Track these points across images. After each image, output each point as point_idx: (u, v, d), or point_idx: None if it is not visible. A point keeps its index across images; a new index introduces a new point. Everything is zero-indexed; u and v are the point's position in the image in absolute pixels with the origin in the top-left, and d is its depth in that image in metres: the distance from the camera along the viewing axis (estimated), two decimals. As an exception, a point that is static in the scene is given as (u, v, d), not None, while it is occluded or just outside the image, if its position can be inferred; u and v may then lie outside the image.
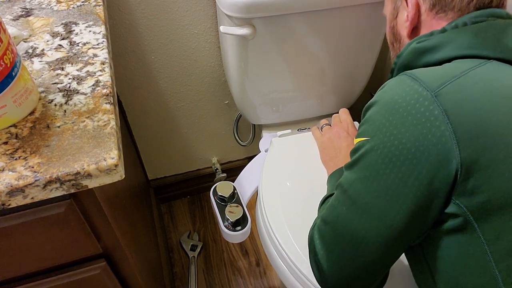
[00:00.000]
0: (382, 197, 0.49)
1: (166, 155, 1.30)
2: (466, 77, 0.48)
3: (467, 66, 0.49)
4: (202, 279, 1.26)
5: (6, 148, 0.46)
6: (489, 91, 0.47)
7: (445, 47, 0.52)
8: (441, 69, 0.50)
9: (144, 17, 0.95)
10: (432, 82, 0.48)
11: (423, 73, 0.50)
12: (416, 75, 0.49)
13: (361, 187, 0.51)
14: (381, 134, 0.49)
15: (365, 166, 0.51)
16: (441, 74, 0.49)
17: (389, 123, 0.49)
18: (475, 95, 0.47)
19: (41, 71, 0.56)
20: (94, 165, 0.44)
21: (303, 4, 0.80)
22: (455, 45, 0.51)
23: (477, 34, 0.51)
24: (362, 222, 0.51)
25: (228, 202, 0.93)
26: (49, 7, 0.68)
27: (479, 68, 0.49)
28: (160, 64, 1.05)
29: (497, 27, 0.52)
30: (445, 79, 0.48)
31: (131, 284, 0.65)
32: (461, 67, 0.49)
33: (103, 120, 0.49)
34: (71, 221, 0.50)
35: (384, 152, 0.49)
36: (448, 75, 0.48)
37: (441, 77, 0.48)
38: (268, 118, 1.06)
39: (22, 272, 0.55)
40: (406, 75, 0.50)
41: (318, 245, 0.56)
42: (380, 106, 0.51)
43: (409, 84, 0.49)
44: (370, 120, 0.52)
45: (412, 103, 0.47)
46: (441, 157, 0.45)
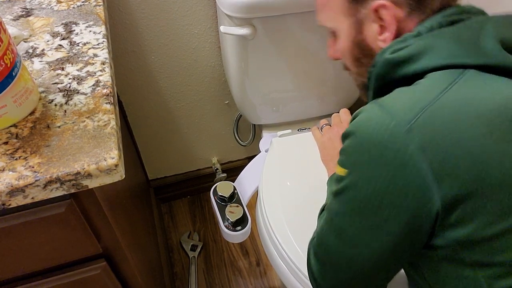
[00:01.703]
0: (365, 231, 0.49)
1: (166, 155, 1.30)
2: (441, 103, 0.44)
3: (443, 85, 0.45)
4: (202, 279, 1.26)
5: (7, 148, 0.46)
6: (466, 115, 0.43)
7: (422, 58, 0.48)
8: (414, 92, 0.47)
9: (144, 17, 0.95)
10: (404, 115, 0.44)
11: (395, 103, 0.46)
12: (388, 107, 0.46)
13: (345, 219, 0.51)
14: (358, 172, 0.48)
15: (347, 201, 0.50)
16: (414, 101, 0.45)
17: (364, 162, 0.47)
18: (451, 124, 0.43)
19: (41, 71, 0.56)
20: (94, 165, 0.44)
21: (303, 4, 0.80)
22: (432, 55, 0.47)
23: (454, 39, 0.47)
24: (351, 250, 0.51)
25: (228, 202, 0.93)
26: (49, 7, 0.68)
27: (456, 85, 0.45)
28: (160, 64, 1.05)
29: (472, 27, 0.48)
30: (418, 108, 0.44)
31: (131, 284, 0.65)
32: (436, 86, 0.45)
33: (103, 120, 0.49)
34: (71, 221, 0.50)
35: (362, 192, 0.47)
36: (422, 102, 0.44)
37: (413, 106, 0.44)
38: (268, 118, 1.06)
39: (22, 272, 0.55)
40: (377, 105, 0.47)
41: (313, 261, 0.56)
42: (354, 141, 0.48)
43: (380, 119, 0.45)
44: (347, 152, 0.50)
45: (385, 141, 0.44)
46: (419, 197, 0.44)
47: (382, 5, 0.50)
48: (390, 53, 0.50)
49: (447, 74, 0.46)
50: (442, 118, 0.44)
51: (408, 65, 0.49)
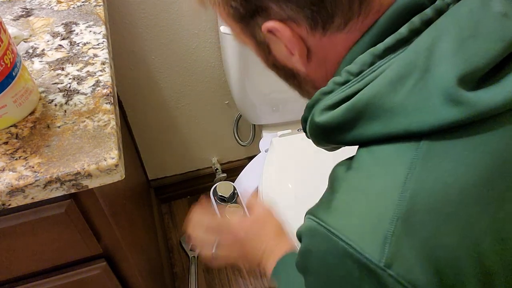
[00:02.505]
0: None
1: (166, 155, 1.30)
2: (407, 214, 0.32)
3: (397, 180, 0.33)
4: (202, 279, 1.26)
5: (7, 148, 0.46)
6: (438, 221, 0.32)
7: (357, 125, 0.36)
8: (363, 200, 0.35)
9: (144, 17, 0.95)
10: (371, 243, 0.33)
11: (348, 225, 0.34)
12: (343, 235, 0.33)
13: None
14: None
15: None
16: (372, 217, 0.33)
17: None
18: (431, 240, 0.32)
19: (42, 71, 0.56)
20: (94, 165, 0.44)
21: (303, 4, 0.80)
22: (370, 122, 0.35)
23: (393, 88, 0.34)
24: None
25: (228, 202, 0.93)
26: (50, 7, 0.68)
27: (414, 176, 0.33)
28: (160, 64, 1.05)
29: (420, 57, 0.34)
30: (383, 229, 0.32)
31: (131, 284, 0.65)
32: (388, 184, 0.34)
33: (103, 120, 0.49)
34: (71, 221, 0.50)
35: None
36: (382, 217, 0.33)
37: (375, 225, 0.33)
38: (268, 118, 1.06)
39: (22, 272, 0.55)
40: (328, 231, 0.35)
41: None
42: (319, 281, 0.37)
43: (344, 253, 0.33)
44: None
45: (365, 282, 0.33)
46: None
47: (270, 29, 0.39)
48: (319, 112, 0.39)
49: (397, 153, 0.34)
50: (419, 233, 0.32)
51: (341, 133, 0.38)
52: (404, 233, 0.32)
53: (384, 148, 0.35)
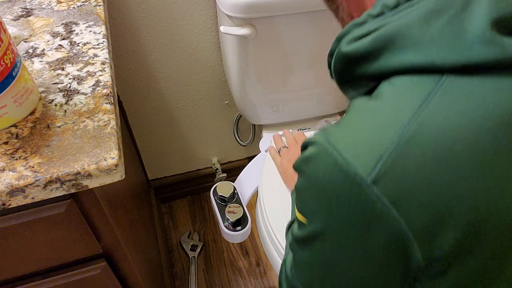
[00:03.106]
0: (337, 286, 0.42)
1: (166, 155, 1.30)
2: (414, 133, 0.32)
3: (413, 104, 0.33)
4: (202, 279, 1.26)
5: (7, 148, 0.46)
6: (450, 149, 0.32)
7: (383, 54, 0.36)
8: (376, 117, 0.35)
9: (145, 17, 0.95)
10: (364, 159, 0.33)
11: (351, 138, 0.35)
12: (342, 146, 0.35)
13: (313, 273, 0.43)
14: (318, 223, 0.39)
15: (311, 253, 0.42)
16: (376, 134, 0.34)
17: (324, 213, 0.38)
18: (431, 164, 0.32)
19: (42, 71, 0.56)
20: (95, 165, 0.44)
21: (303, 4, 0.80)
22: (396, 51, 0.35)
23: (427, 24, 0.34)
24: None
25: (228, 202, 0.93)
26: (50, 7, 0.68)
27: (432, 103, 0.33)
28: (160, 64, 1.05)
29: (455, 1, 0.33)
30: (383, 146, 0.33)
31: (131, 284, 0.65)
32: (404, 106, 0.34)
33: (103, 120, 0.49)
34: (71, 221, 0.50)
35: (327, 246, 0.39)
36: (387, 134, 0.33)
37: (377, 142, 0.34)
38: (268, 118, 1.06)
39: (22, 272, 0.55)
40: (329, 142, 0.36)
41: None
42: (307, 183, 0.39)
43: (335, 164, 0.35)
44: (300, 195, 0.41)
45: (345, 194, 0.35)
46: (395, 257, 0.36)
47: None
48: (347, 43, 0.39)
49: (417, 83, 0.34)
50: (416, 159, 0.33)
51: (366, 63, 0.38)
52: (401, 156, 0.33)
53: (405, 79, 0.35)
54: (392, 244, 0.35)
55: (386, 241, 0.35)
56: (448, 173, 0.32)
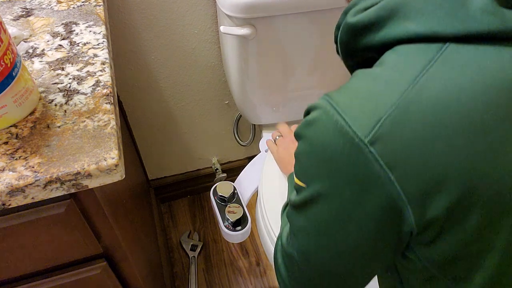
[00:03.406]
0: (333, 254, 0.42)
1: (166, 155, 1.30)
2: (413, 97, 0.33)
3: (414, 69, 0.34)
4: (202, 279, 1.26)
5: (7, 148, 0.46)
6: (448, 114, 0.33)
7: (387, 24, 0.37)
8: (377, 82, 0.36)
9: (144, 17, 0.95)
10: (363, 121, 0.34)
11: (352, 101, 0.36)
12: (344, 108, 0.36)
13: (309, 238, 0.44)
14: (316, 187, 0.39)
15: (308, 218, 0.43)
16: (376, 98, 0.35)
17: (323, 175, 0.38)
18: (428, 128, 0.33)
19: (42, 71, 0.56)
20: (94, 165, 0.44)
21: (303, 4, 0.80)
22: (400, 21, 0.36)
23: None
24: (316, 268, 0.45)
25: (228, 202, 0.93)
26: (50, 7, 0.68)
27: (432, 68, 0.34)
28: (160, 64, 1.05)
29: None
30: (382, 109, 0.34)
31: (131, 284, 0.65)
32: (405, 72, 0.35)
33: (103, 120, 0.49)
34: (71, 221, 0.50)
35: (324, 210, 0.40)
36: (387, 98, 0.34)
37: (376, 105, 0.35)
38: (268, 118, 1.06)
39: (22, 272, 0.55)
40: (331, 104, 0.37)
41: (281, 267, 0.51)
42: (307, 147, 0.40)
43: (336, 125, 0.36)
44: (301, 162, 0.41)
45: (345, 156, 0.35)
46: (389, 220, 0.37)
47: None
48: (353, 14, 0.40)
49: (420, 50, 0.35)
50: (414, 122, 0.33)
51: (371, 33, 0.38)
52: (399, 120, 0.33)
53: (409, 47, 0.36)
54: (387, 208, 0.36)
55: (381, 204, 0.36)
56: (444, 139, 0.33)
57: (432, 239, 0.38)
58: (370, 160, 0.34)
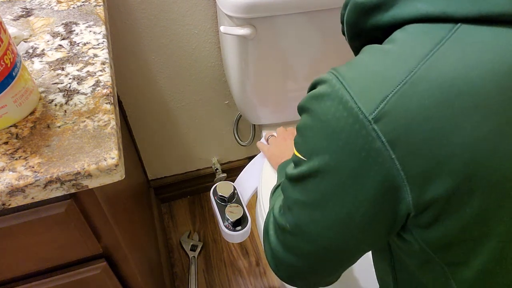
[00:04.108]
0: (327, 228, 0.42)
1: (166, 155, 1.30)
2: (421, 76, 0.33)
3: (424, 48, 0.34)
4: (202, 279, 1.26)
5: (7, 148, 0.46)
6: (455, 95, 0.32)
7: (397, 3, 0.36)
8: (385, 58, 0.36)
9: (145, 17, 0.95)
10: (369, 97, 0.34)
11: (359, 76, 0.36)
12: (350, 83, 0.36)
13: (304, 213, 0.44)
14: (317, 160, 0.39)
15: (307, 191, 0.42)
16: (383, 74, 0.35)
17: (325, 149, 0.38)
18: (433, 109, 0.33)
19: (42, 71, 0.56)
20: (95, 165, 0.44)
21: (303, 4, 0.80)
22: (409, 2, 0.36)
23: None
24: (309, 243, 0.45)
25: (228, 202, 0.93)
26: (50, 7, 0.68)
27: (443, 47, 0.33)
28: (160, 64, 1.05)
29: None
30: (388, 86, 0.34)
31: (131, 284, 0.65)
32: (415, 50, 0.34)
33: (103, 120, 0.49)
34: (71, 221, 0.50)
35: (323, 184, 0.40)
36: (394, 75, 0.34)
37: (383, 82, 0.34)
38: (268, 118, 1.06)
39: (22, 272, 0.55)
40: (337, 78, 0.37)
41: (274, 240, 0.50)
42: (311, 121, 0.39)
43: (341, 99, 0.36)
44: (304, 135, 0.41)
45: (348, 131, 0.35)
46: (387, 198, 0.37)
47: None
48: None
49: (431, 30, 0.35)
50: (421, 100, 0.33)
51: (380, 12, 0.38)
52: (405, 97, 0.33)
53: (419, 26, 0.35)
54: (385, 186, 0.36)
55: (380, 181, 0.36)
56: (450, 119, 0.32)
57: (430, 221, 0.37)
58: (373, 137, 0.34)
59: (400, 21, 0.37)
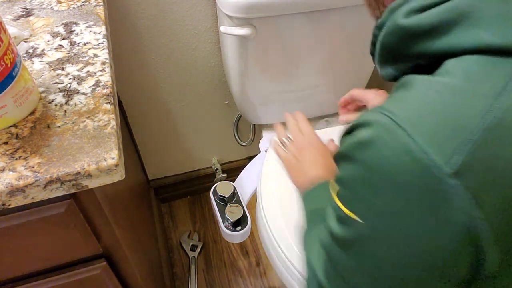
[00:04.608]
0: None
1: (166, 155, 1.30)
2: (493, 124, 0.28)
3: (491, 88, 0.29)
4: (202, 279, 1.26)
5: (7, 148, 0.46)
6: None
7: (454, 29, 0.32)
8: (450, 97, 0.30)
9: (144, 17, 0.95)
10: (441, 145, 0.29)
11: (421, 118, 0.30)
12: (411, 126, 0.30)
13: (361, 281, 0.37)
14: (377, 221, 0.33)
15: (363, 257, 0.36)
16: (450, 119, 0.29)
17: (387, 208, 0.32)
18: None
19: (42, 71, 0.56)
20: (95, 165, 0.44)
21: (303, 4, 0.80)
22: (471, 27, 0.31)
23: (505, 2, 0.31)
24: None
25: (228, 202, 0.93)
26: (50, 7, 0.68)
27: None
28: (160, 64, 1.05)
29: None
30: (461, 134, 0.29)
31: (131, 284, 0.65)
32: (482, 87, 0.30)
33: (103, 120, 0.49)
34: (72, 221, 0.50)
35: (389, 250, 0.33)
36: (463, 121, 0.29)
37: (452, 128, 0.29)
38: (268, 118, 1.06)
39: (22, 272, 0.55)
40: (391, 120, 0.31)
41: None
42: (363, 173, 0.33)
43: (404, 149, 0.30)
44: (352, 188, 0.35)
45: (418, 185, 0.30)
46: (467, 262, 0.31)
47: None
48: (405, 15, 0.34)
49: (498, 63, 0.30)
50: (505, 148, 0.28)
51: (431, 39, 0.33)
52: (487, 145, 0.28)
53: (482, 59, 0.31)
54: (467, 244, 0.30)
55: (460, 241, 0.30)
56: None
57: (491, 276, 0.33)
58: (453, 193, 0.28)
59: (457, 50, 0.32)
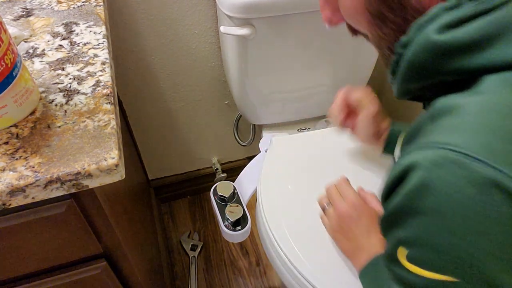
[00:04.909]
0: None
1: (166, 155, 1.30)
2: None
3: None
4: (202, 279, 1.26)
5: (7, 148, 0.46)
6: None
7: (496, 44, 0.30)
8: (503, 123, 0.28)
9: (145, 17, 0.95)
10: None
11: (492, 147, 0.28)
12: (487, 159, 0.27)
13: None
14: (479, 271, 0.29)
15: None
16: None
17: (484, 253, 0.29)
18: None
19: (42, 71, 0.56)
20: (95, 165, 0.44)
21: (303, 4, 0.80)
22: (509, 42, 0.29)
23: None
24: None
25: (228, 202, 0.93)
26: (50, 7, 0.68)
27: None
28: (160, 64, 1.05)
29: None
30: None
31: (132, 283, 0.65)
32: None
33: (103, 120, 0.49)
34: (72, 221, 0.51)
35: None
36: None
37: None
38: (268, 118, 1.06)
39: (22, 272, 0.55)
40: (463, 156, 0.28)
41: None
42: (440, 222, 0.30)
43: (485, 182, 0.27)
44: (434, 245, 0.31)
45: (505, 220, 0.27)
46: None
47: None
48: (438, 30, 0.32)
49: None
50: None
51: (472, 54, 0.31)
52: None
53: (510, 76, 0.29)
54: None
55: None
56: None
57: None
58: None
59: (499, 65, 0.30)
